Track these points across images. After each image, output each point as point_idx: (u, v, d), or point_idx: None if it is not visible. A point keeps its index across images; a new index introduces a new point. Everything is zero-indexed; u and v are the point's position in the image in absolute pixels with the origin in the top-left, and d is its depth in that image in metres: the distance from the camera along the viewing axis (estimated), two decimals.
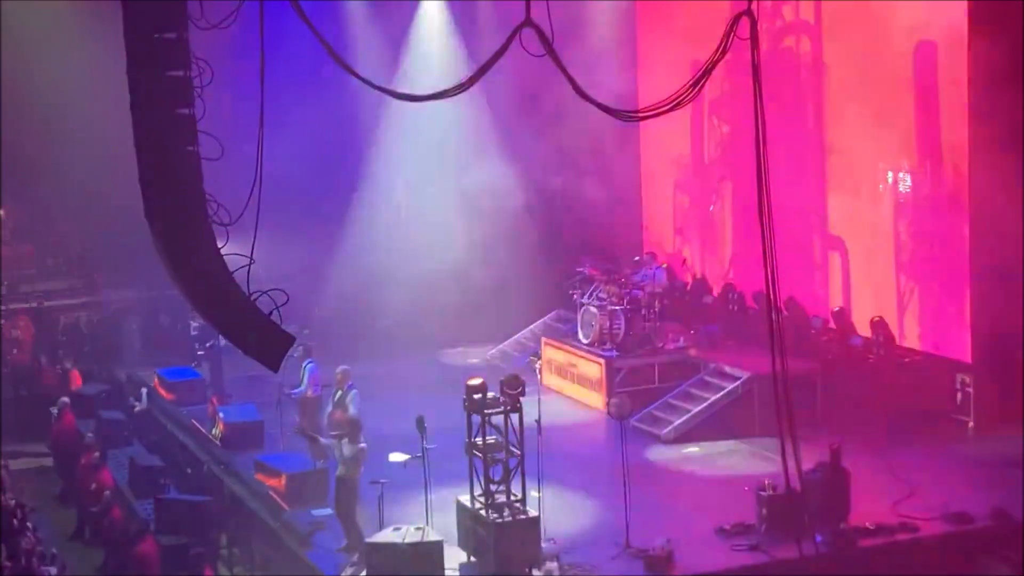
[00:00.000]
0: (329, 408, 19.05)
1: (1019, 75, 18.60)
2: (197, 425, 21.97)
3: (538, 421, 16.37)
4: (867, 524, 16.30)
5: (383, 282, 29.04)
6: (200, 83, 10.69)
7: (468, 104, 24.32)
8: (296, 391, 19.73)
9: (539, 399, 16.96)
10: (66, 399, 23.06)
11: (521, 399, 15.64)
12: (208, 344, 24.01)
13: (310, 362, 19.93)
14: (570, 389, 23.61)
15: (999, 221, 19.14)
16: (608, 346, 22.96)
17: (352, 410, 17.75)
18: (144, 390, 24.08)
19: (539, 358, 24.76)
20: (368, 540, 15.67)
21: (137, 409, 23.88)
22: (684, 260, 25.78)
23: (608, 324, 23.06)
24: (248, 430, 20.91)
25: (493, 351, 26.81)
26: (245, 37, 11.36)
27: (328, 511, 17.38)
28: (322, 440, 17.95)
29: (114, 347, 26.34)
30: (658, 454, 20.14)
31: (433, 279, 28.82)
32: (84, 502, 20.51)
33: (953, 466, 18.72)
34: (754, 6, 12.52)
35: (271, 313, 10.86)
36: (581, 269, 24.54)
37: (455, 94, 12.54)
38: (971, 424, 20.11)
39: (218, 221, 10.79)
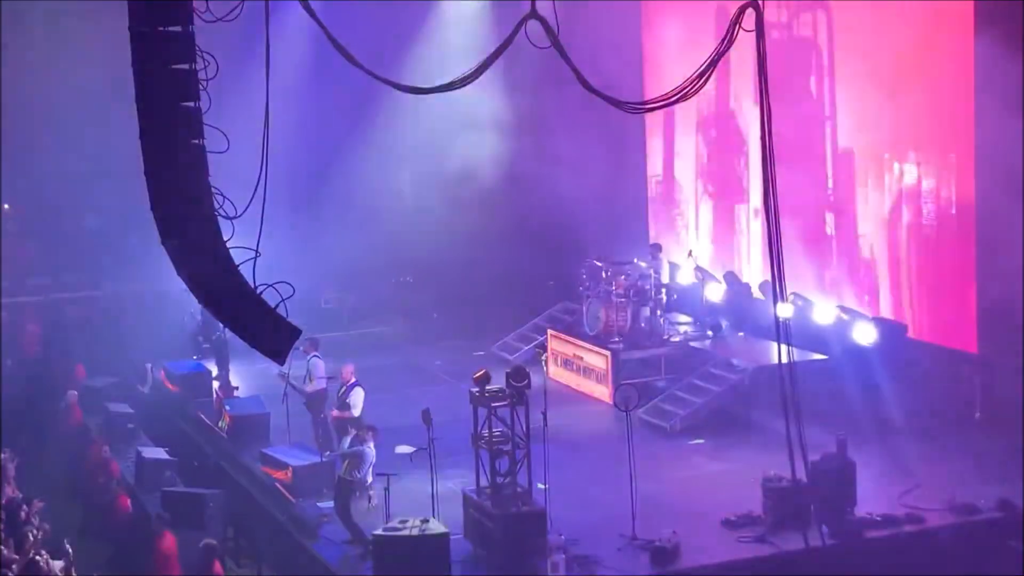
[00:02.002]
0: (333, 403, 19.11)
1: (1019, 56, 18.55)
2: (203, 418, 21.99)
3: (544, 413, 16.38)
4: (873, 515, 16.30)
5: (387, 275, 29.13)
6: (205, 76, 10.69)
7: (474, 95, 24.28)
8: (312, 383, 19.75)
9: (545, 391, 16.97)
10: (73, 392, 23.09)
11: (527, 391, 15.66)
12: (213, 337, 24.04)
13: (315, 355, 19.96)
14: (576, 381, 23.61)
15: (1005, 212, 19.10)
16: (614, 338, 22.96)
17: (357, 411, 17.78)
18: (148, 366, 24.12)
19: (545, 350, 24.79)
20: (374, 532, 15.69)
21: (145, 390, 23.98)
22: (690, 252, 25.76)
23: (614, 316, 23.05)
24: (254, 423, 20.92)
25: (498, 343, 26.80)
26: (251, 30, 11.36)
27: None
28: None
29: (119, 340, 26.34)
30: (664, 446, 20.13)
31: (438, 271, 28.89)
32: (91, 495, 20.54)
33: (959, 457, 18.70)
34: None
35: (277, 306, 10.87)
36: (587, 261, 24.52)
37: (460, 87, 12.54)
38: (977, 415, 20.08)
39: (224, 214, 10.79)
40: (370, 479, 16.96)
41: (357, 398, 18.51)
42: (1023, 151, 18.44)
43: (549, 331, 25.40)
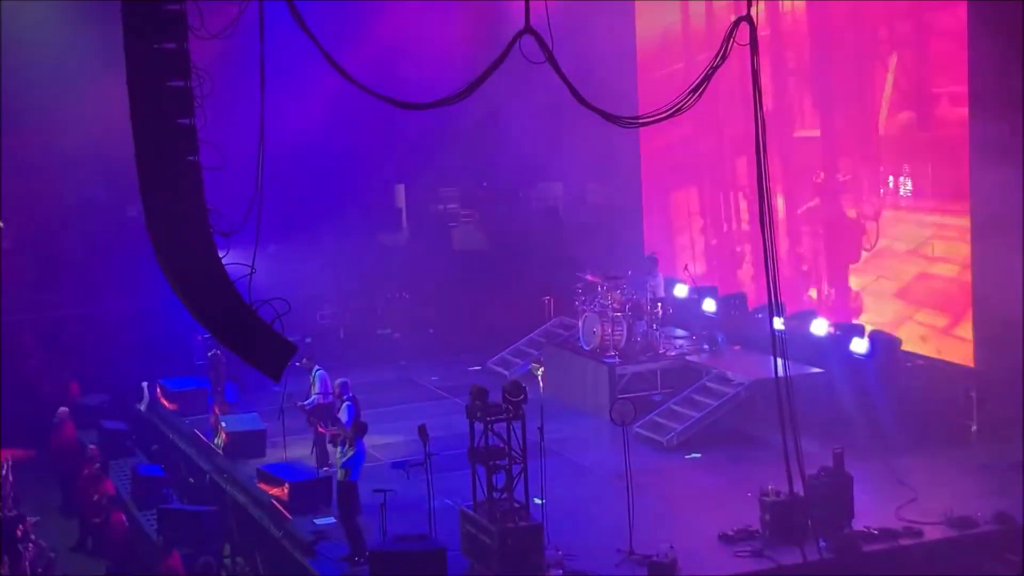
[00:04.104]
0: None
1: (1019, 75, 18.57)
2: (199, 434, 21.96)
3: (540, 428, 16.34)
4: (870, 529, 16.28)
5: (383, 289, 29.10)
6: (200, 93, 10.69)
7: (467, 108, 24.31)
8: (309, 402, 19.70)
9: (541, 406, 16.96)
10: (65, 409, 23.03)
11: (523, 406, 15.64)
12: (210, 353, 24.02)
13: (319, 368, 19.93)
14: (572, 396, 23.56)
15: (1000, 224, 19.13)
16: (610, 352, 22.95)
17: (343, 422, 17.84)
18: (144, 384, 24.08)
19: (541, 365, 24.76)
20: (372, 548, 15.67)
21: (142, 407, 23.95)
22: (685, 266, 25.78)
23: (610, 330, 23.03)
24: (250, 439, 20.90)
25: (495, 358, 26.78)
26: (245, 45, 11.37)
27: (331, 520, 17.40)
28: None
29: (115, 357, 26.34)
30: (661, 460, 20.11)
31: (434, 287, 28.88)
32: (86, 512, 20.51)
33: (956, 470, 18.68)
34: (753, 12, 12.55)
35: (272, 322, 10.85)
36: (583, 276, 24.53)
37: (455, 102, 12.53)
38: (974, 428, 20.08)
39: (219, 231, 10.78)
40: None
41: (346, 414, 18.49)
42: (1021, 162, 18.48)
43: (545, 346, 25.37)
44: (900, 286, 21.54)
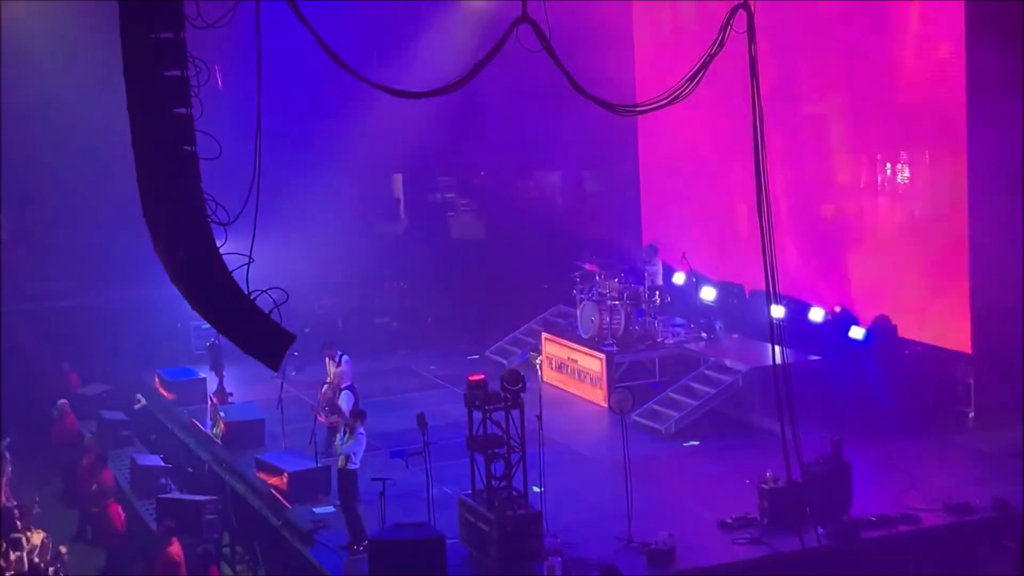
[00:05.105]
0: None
1: (1018, 66, 18.58)
2: (198, 424, 21.97)
3: (539, 416, 16.38)
4: (869, 516, 16.31)
5: (381, 278, 29.14)
6: (197, 83, 10.68)
7: (465, 97, 24.30)
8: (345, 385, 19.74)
9: (540, 394, 16.98)
10: (64, 400, 23.04)
11: (521, 395, 15.66)
12: (207, 343, 24.01)
13: (344, 354, 19.94)
14: (570, 384, 23.61)
15: (998, 211, 19.14)
16: (608, 341, 22.97)
17: (344, 409, 17.89)
18: (139, 395, 24.11)
19: (539, 354, 24.78)
20: (371, 537, 15.69)
21: (137, 407, 23.93)
22: (683, 254, 25.78)
23: (608, 319, 23.05)
24: (249, 429, 20.92)
25: (493, 347, 26.79)
26: (242, 36, 11.37)
27: (330, 508, 17.43)
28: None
29: (113, 347, 26.33)
30: (659, 448, 20.14)
31: (432, 276, 28.91)
32: (85, 503, 20.52)
33: (954, 457, 18.73)
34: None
35: (271, 312, 10.86)
36: (581, 264, 24.53)
37: (452, 90, 12.54)
38: (971, 415, 20.11)
39: (216, 220, 10.79)
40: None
41: (345, 402, 18.54)
42: (1022, 148, 18.48)
43: (543, 334, 25.40)
44: (900, 270, 21.48)
